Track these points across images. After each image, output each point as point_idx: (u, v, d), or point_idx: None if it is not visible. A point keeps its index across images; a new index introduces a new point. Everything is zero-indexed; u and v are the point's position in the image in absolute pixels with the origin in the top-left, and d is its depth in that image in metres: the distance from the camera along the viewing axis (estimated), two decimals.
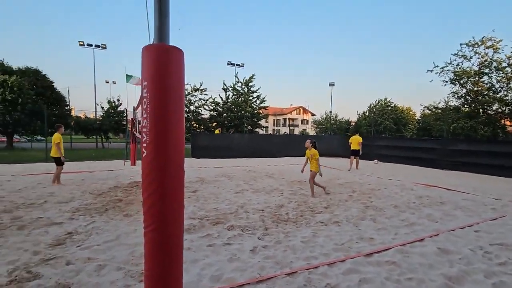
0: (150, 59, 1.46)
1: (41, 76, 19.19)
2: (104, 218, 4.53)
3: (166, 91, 1.46)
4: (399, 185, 8.00)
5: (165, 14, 1.50)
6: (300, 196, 6.40)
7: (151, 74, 1.45)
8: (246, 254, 3.32)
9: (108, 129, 22.93)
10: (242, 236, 3.90)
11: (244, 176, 9.16)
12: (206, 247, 3.50)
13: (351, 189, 7.32)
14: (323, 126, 37.42)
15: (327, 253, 3.38)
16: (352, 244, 3.70)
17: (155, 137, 1.46)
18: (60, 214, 4.72)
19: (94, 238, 3.70)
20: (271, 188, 7.26)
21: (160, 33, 1.50)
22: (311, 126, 45.85)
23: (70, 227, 4.08)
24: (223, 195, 6.40)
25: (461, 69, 19.18)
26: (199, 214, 4.84)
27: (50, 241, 3.56)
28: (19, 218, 4.44)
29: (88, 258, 3.09)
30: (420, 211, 5.32)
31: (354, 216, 4.93)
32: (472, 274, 2.90)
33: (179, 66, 1.53)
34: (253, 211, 5.15)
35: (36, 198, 5.72)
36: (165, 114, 1.46)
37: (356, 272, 2.91)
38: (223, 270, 2.90)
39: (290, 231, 4.15)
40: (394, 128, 31.34)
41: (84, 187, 6.95)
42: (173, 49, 1.50)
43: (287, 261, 3.15)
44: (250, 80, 25.36)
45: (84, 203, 5.40)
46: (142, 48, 1.49)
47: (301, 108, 66.85)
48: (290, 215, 4.94)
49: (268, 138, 20.43)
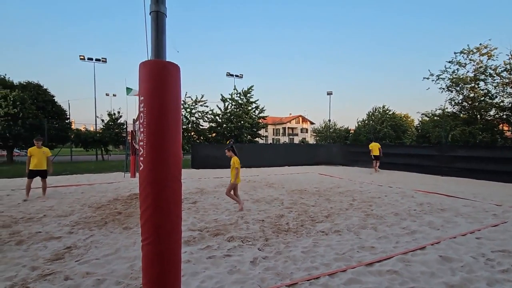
0: (147, 75, 1.50)
1: (42, 91, 19.40)
2: (103, 232, 4.50)
3: (162, 106, 1.50)
4: (400, 193, 7.98)
5: (162, 31, 1.56)
6: (300, 206, 6.38)
7: (147, 89, 1.49)
8: (246, 265, 3.29)
9: (108, 141, 23.00)
10: (242, 247, 3.87)
11: (244, 186, 9.13)
12: (206, 259, 3.47)
13: (352, 198, 7.30)
14: (323, 134, 37.53)
15: (328, 263, 3.35)
16: (353, 253, 3.68)
17: (151, 150, 1.48)
18: (59, 228, 4.70)
19: (93, 252, 3.67)
20: (271, 198, 7.24)
21: (157, 49, 1.55)
22: (311, 134, 45.98)
23: (69, 241, 4.05)
24: (223, 205, 6.38)
25: (456, 76, 19.41)
26: (199, 226, 4.81)
27: (49, 256, 3.53)
28: (18, 233, 4.41)
29: (87, 273, 3.06)
30: (421, 219, 5.29)
31: (355, 225, 4.90)
32: (475, 282, 2.87)
33: (175, 81, 1.57)
34: (253, 221, 5.12)
35: (35, 212, 5.70)
36: (162, 128, 1.49)
37: (357, 282, 2.88)
38: (223, 283, 2.87)
39: (290, 241, 4.12)
40: (394, 135, 31.44)
41: (84, 200, 6.93)
42: (169, 65, 1.55)
43: (288, 272, 3.12)
44: (248, 91, 25.61)
45: (84, 217, 5.38)
46: (140, 64, 1.54)
47: (300, 117, 67.19)
48: (290, 225, 4.91)
49: (267, 147, 20.46)
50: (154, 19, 1.55)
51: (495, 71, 17.63)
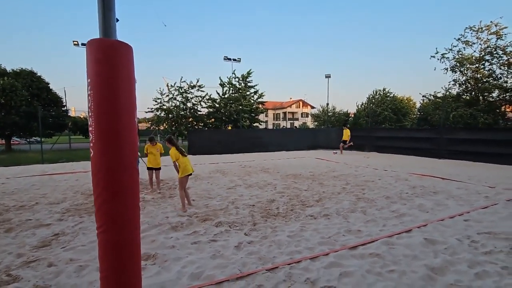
0: (92, 54, 1.40)
1: (36, 78, 19.11)
2: (92, 218, 4.51)
3: (111, 88, 1.41)
4: (394, 176, 7.95)
5: (109, 7, 1.44)
6: (292, 190, 6.37)
7: (94, 70, 1.40)
8: (230, 250, 3.30)
9: None
10: (229, 232, 3.88)
11: (239, 172, 9.14)
12: (191, 244, 3.48)
13: (345, 182, 7.28)
14: (321, 119, 37.23)
15: (312, 247, 3.35)
16: (339, 237, 3.68)
17: (100, 135, 1.41)
18: (50, 215, 4.72)
19: (80, 239, 3.70)
20: (265, 183, 7.24)
21: (104, 27, 1.44)
22: (311, 119, 45.64)
23: (57, 229, 4.08)
24: (216, 191, 6.39)
25: (462, 56, 18.91)
26: (188, 212, 4.83)
27: (36, 243, 3.56)
28: (8, 220, 4.44)
29: (70, 259, 3.09)
30: (412, 202, 5.28)
31: (345, 209, 4.90)
32: (456, 264, 2.87)
33: (127, 61, 1.47)
34: (243, 206, 5.13)
35: (28, 200, 5.73)
36: (112, 111, 1.41)
37: (338, 266, 2.88)
38: (205, 267, 2.89)
39: (278, 225, 4.13)
40: (394, 118, 31.13)
41: (77, 187, 6.96)
42: (118, 44, 1.44)
43: (270, 256, 3.13)
44: (247, 75, 25.17)
45: (75, 204, 5.41)
46: (86, 43, 1.43)
47: (300, 101, 66.52)
48: (280, 210, 4.91)
49: (264, 132, 20.35)
50: None
51: (504, 50, 17.12)
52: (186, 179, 5.02)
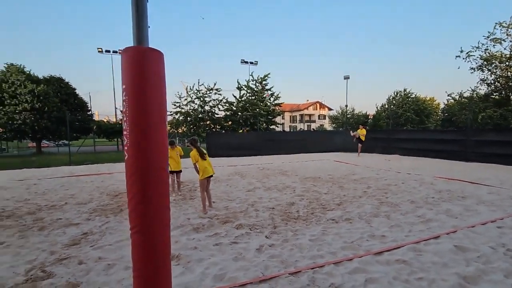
0: (127, 62, 1.47)
1: (64, 84, 20.20)
2: (118, 219, 4.69)
3: (144, 94, 1.46)
4: (418, 180, 7.65)
5: (143, 15, 1.50)
6: (312, 193, 6.30)
7: (128, 77, 1.46)
8: (251, 253, 3.30)
9: None
10: (250, 235, 3.89)
11: (257, 174, 9.15)
12: (213, 246, 3.52)
13: (366, 185, 7.10)
14: (339, 121, 36.58)
15: (335, 252, 3.29)
16: (362, 242, 3.58)
17: (134, 140, 1.47)
18: (78, 215, 4.95)
19: (107, 238, 3.84)
20: (284, 186, 7.20)
21: (138, 35, 1.51)
22: (328, 121, 44.96)
23: (86, 228, 4.27)
24: (235, 193, 6.44)
25: (490, 54, 17.95)
26: (209, 213, 4.89)
27: (67, 241, 3.74)
28: (41, 219, 4.70)
29: (99, 258, 3.21)
30: (439, 207, 5.06)
31: (367, 213, 4.78)
32: (490, 274, 2.71)
33: (159, 68, 1.52)
34: (263, 209, 5.13)
35: (58, 200, 6.04)
36: (145, 116, 1.47)
37: (363, 272, 2.81)
38: (227, 269, 2.91)
39: (299, 229, 4.09)
40: (417, 119, 30.02)
41: (103, 188, 7.24)
42: (151, 51, 1.50)
43: (292, 260, 3.11)
44: (264, 78, 25.27)
45: (101, 204, 5.63)
46: (121, 51, 1.50)
47: (317, 103, 65.73)
48: (300, 213, 4.87)
49: (282, 134, 20.28)
50: (134, 5, 1.50)
51: None
52: (206, 181, 5.11)
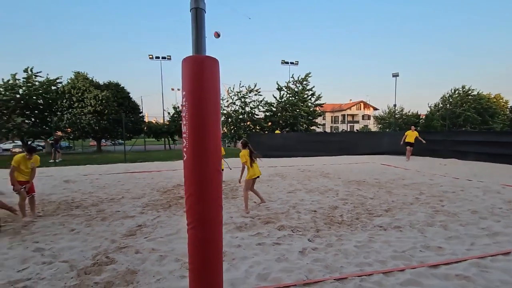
0: (187, 70, 1.60)
1: (120, 89, 22.34)
2: (167, 213, 5.03)
3: (202, 99, 1.58)
4: (481, 187, 6.84)
5: (201, 26, 1.62)
6: (357, 198, 6.03)
7: (188, 84, 1.59)
8: (294, 255, 3.28)
9: (174, 131, 25.33)
10: (292, 237, 3.87)
11: (298, 176, 9.05)
12: (256, 245, 3.58)
13: (418, 191, 6.57)
14: (386, 121, 34.33)
15: (384, 261, 3.11)
16: (415, 252, 3.33)
17: (193, 142, 1.59)
18: (133, 208, 5.41)
19: (159, 231, 4.14)
20: (326, 189, 7.01)
21: (197, 45, 1.63)
22: (374, 121, 42.48)
23: (140, 220, 4.65)
24: (276, 194, 6.45)
25: None
26: (251, 213, 4.98)
27: (124, 232, 4.12)
28: (102, 211, 5.25)
29: (153, 249, 3.48)
30: (508, 219, 4.46)
31: (420, 221, 4.42)
32: None
33: (214, 74, 1.63)
34: (305, 211, 5.06)
35: (116, 194, 6.68)
36: (202, 120, 1.59)
37: (417, 284, 2.61)
38: (271, 269, 2.93)
39: (343, 234, 3.95)
40: (478, 119, 26.82)
41: (153, 185, 7.82)
42: (207, 59, 1.61)
43: (337, 265, 3.01)
44: (305, 78, 24.93)
45: (152, 199, 6.09)
46: (182, 61, 1.64)
47: (361, 102, 62.66)
48: (344, 217, 4.69)
49: (324, 136, 19.74)
50: (194, 16, 1.62)
51: None
52: (252, 181, 5.26)
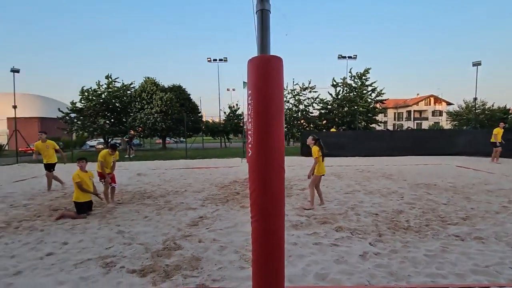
0: (253, 70, 1.69)
1: (181, 90, 24.30)
2: (225, 208, 5.29)
3: (267, 98, 1.66)
4: None
5: (266, 27, 1.69)
6: (426, 202, 5.44)
7: (254, 83, 1.67)
8: (354, 258, 3.13)
9: (229, 130, 26.46)
10: (351, 239, 3.69)
11: (356, 176, 8.57)
12: (313, 244, 3.52)
13: (507, 199, 5.60)
14: (463, 117, 29.98)
15: (462, 274, 2.74)
16: (503, 269, 2.85)
17: (258, 139, 1.66)
18: (195, 201, 5.84)
19: (218, 224, 4.39)
20: (388, 191, 6.49)
21: (262, 45, 1.70)
22: (446, 118, 37.46)
23: (201, 212, 4.99)
24: (332, 194, 6.23)
25: None
26: (306, 212, 4.91)
27: (188, 222, 4.47)
28: (169, 202, 5.79)
29: (214, 239, 3.70)
30: None
31: (509, 234, 3.77)
32: None
33: (279, 73, 1.69)
34: (364, 214, 4.77)
35: (179, 187, 7.29)
36: (267, 118, 1.66)
37: None
38: (329, 270, 2.85)
39: (410, 241, 3.61)
40: None
41: (211, 180, 8.30)
42: (273, 58, 1.69)
43: (404, 273, 2.77)
44: (364, 73, 23.39)
45: (211, 194, 6.47)
46: (248, 61, 1.72)
47: (431, 97, 55.99)
48: (411, 223, 4.28)
49: (386, 134, 18.27)
50: (259, 17, 1.70)
51: None
52: (319, 178, 5.33)
